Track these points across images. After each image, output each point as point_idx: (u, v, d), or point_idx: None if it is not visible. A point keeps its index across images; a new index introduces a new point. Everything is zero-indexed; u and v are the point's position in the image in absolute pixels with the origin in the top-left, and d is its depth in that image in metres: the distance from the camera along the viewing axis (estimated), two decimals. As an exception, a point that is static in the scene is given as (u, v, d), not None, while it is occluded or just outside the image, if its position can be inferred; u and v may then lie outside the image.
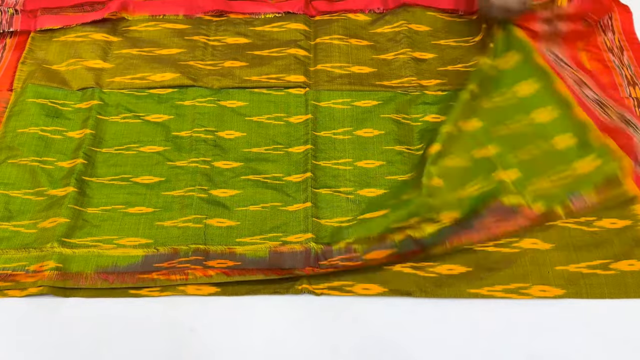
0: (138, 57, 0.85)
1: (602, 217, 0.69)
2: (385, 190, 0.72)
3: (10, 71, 0.83)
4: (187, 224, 0.69)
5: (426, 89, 0.82)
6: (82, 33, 0.87)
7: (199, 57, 0.85)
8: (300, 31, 0.88)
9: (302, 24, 0.89)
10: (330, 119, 0.79)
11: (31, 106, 0.78)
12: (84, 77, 0.83)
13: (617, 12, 0.92)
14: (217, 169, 0.74)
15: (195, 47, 0.86)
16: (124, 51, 0.86)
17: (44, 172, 0.73)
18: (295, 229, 0.69)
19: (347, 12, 0.91)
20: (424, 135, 0.77)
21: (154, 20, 0.90)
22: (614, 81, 0.83)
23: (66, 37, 0.87)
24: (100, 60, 0.85)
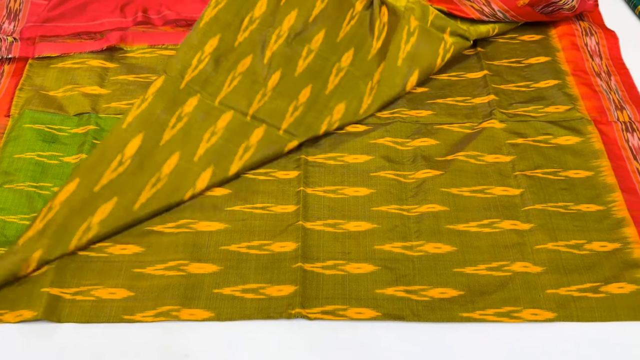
0: (134, 83, 0.87)
1: (592, 240, 0.70)
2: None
3: (8, 97, 0.84)
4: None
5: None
6: (79, 60, 0.89)
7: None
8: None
9: None
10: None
11: (28, 132, 0.79)
12: (81, 102, 0.84)
13: (605, 38, 0.94)
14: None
15: None
16: (120, 77, 0.87)
17: (40, 198, 0.73)
18: None
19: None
20: None
21: (151, 48, 0.92)
22: (601, 105, 0.84)
23: (63, 64, 0.89)
24: (96, 86, 0.86)
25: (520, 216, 0.72)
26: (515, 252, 0.69)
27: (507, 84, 0.88)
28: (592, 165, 0.77)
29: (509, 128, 0.81)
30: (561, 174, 0.77)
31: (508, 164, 0.78)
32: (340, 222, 0.72)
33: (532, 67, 0.90)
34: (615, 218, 0.72)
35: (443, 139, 0.81)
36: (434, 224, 0.72)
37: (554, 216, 0.72)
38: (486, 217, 0.72)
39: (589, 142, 0.80)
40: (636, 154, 0.78)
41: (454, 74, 0.90)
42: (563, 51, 0.92)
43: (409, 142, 0.81)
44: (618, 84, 0.88)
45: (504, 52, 0.93)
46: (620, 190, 0.75)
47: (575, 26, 0.95)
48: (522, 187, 0.75)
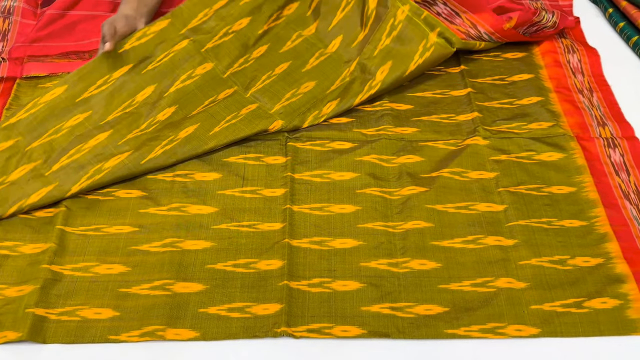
0: None
1: (575, 256, 0.71)
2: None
3: (-4, 117, 0.85)
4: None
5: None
6: None
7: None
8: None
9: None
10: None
11: None
12: None
13: (586, 55, 0.96)
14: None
15: None
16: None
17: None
18: None
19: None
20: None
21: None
22: (584, 122, 0.85)
23: (51, 83, 0.89)
24: None
25: (504, 232, 0.73)
26: (500, 268, 0.70)
27: (491, 101, 0.89)
28: (575, 181, 0.78)
29: (492, 145, 0.82)
30: (544, 189, 0.78)
31: (492, 180, 0.78)
32: (327, 239, 0.73)
33: (516, 85, 0.91)
34: (598, 233, 0.73)
35: (428, 155, 0.82)
36: (419, 241, 0.72)
37: (538, 232, 0.73)
38: (471, 233, 0.73)
39: (572, 158, 0.81)
40: (618, 170, 0.79)
41: (439, 91, 0.91)
42: (546, 68, 0.94)
43: (394, 159, 0.81)
44: (600, 100, 0.89)
45: (488, 69, 0.94)
46: (602, 206, 0.76)
47: (557, 44, 0.97)
48: (505, 203, 0.76)
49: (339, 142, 0.84)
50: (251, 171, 0.80)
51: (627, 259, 0.70)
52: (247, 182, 0.79)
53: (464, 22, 0.92)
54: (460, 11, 0.92)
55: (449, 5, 0.92)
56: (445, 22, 0.91)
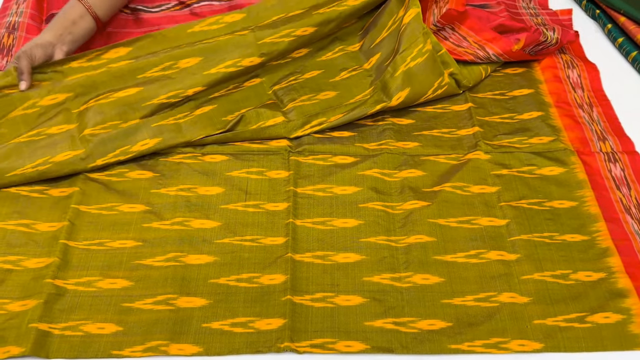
0: None
1: (577, 270, 0.71)
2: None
3: None
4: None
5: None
6: None
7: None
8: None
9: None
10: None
11: None
12: None
13: (586, 70, 0.97)
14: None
15: None
16: None
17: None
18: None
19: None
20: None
21: None
22: (584, 136, 0.86)
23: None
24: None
25: (507, 247, 0.73)
26: (502, 283, 0.70)
27: (492, 116, 0.90)
28: (576, 195, 0.79)
29: (494, 159, 0.83)
30: (546, 204, 0.78)
31: (494, 194, 0.79)
32: (329, 253, 0.73)
33: (516, 99, 0.92)
34: (599, 248, 0.73)
35: (430, 170, 0.82)
36: (422, 255, 0.72)
37: (540, 246, 0.73)
38: (473, 247, 0.73)
39: (573, 172, 0.81)
40: (619, 184, 0.80)
41: (439, 106, 0.92)
42: (546, 83, 0.95)
43: (396, 173, 0.82)
44: (600, 115, 0.90)
45: (488, 84, 0.95)
46: (604, 220, 0.76)
47: (557, 59, 0.98)
48: (507, 218, 0.76)
49: (341, 157, 0.84)
50: (254, 185, 0.80)
51: (629, 273, 0.70)
52: (250, 196, 0.79)
53: (471, 45, 0.92)
54: (467, 35, 0.92)
55: (456, 30, 0.93)
56: (455, 49, 0.92)
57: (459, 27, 0.93)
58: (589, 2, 1.09)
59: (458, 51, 0.92)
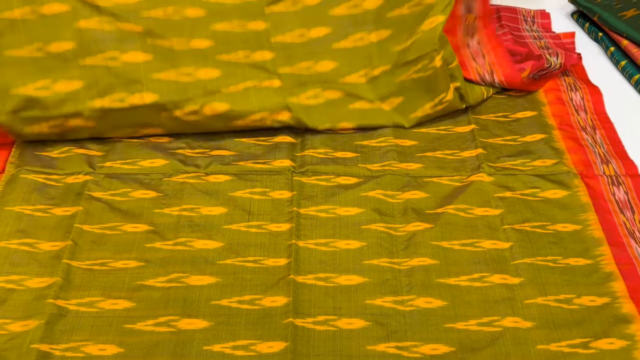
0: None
1: (581, 295, 0.71)
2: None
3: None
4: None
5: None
6: None
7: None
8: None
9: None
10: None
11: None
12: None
13: (589, 93, 0.97)
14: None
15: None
16: None
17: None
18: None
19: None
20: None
21: None
22: (587, 159, 0.86)
23: None
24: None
25: (510, 270, 0.73)
26: (506, 307, 0.69)
27: (495, 138, 0.90)
28: (579, 218, 0.79)
29: (497, 181, 0.83)
30: (549, 227, 0.78)
31: (497, 217, 0.79)
32: (332, 275, 0.73)
33: (519, 122, 0.92)
34: (603, 272, 0.73)
35: (433, 191, 0.82)
36: (424, 278, 0.72)
37: (543, 270, 0.73)
38: (476, 270, 0.73)
39: (576, 195, 0.81)
40: (622, 208, 0.80)
41: (443, 127, 0.92)
42: (549, 105, 0.95)
43: (399, 194, 0.82)
44: (603, 138, 0.90)
45: (491, 106, 0.95)
46: (607, 244, 0.76)
47: (560, 81, 0.98)
48: (511, 241, 0.76)
49: (345, 177, 0.84)
50: (257, 206, 0.81)
51: (633, 298, 0.70)
52: (253, 216, 0.79)
53: (485, 65, 0.93)
54: (486, 53, 0.93)
55: (481, 44, 0.93)
56: (469, 64, 0.93)
57: (484, 42, 0.93)
58: (592, 25, 1.09)
59: (470, 66, 0.92)
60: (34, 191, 0.80)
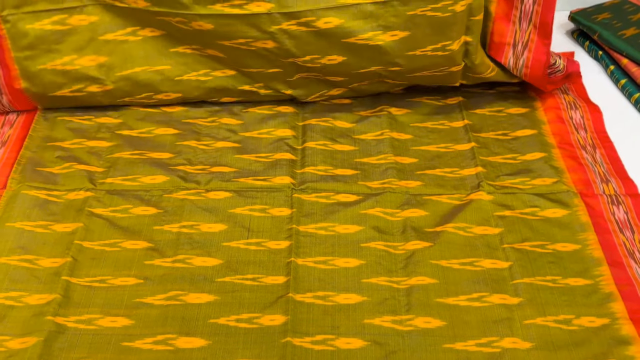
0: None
1: (580, 315, 0.70)
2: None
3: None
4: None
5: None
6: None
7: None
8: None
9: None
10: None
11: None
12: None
13: (589, 112, 0.97)
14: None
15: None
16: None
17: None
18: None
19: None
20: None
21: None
22: (587, 178, 0.86)
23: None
24: None
25: (509, 290, 0.73)
26: (505, 328, 0.69)
27: (495, 156, 0.90)
28: (579, 238, 0.78)
29: (496, 200, 0.83)
30: (549, 247, 0.78)
31: (496, 236, 0.79)
32: (330, 294, 0.73)
33: (519, 140, 0.93)
34: (603, 293, 0.73)
35: (432, 210, 0.82)
36: (423, 297, 0.72)
37: (543, 290, 0.73)
38: (475, 290, 0.73)
39: (576, 215, 0.81)
40: (622, 228, 0.80)
41: (442, 145, 0.92)
42: (549, 124, 0.95)
43: (398, 212, 0.82)
44: (603, 157, 0.90)
45: (491, 124, 0.95)
46: (607, 264, 0.75)
47: (560, 100, 0.99)
48: (510, 260, 0.76)
49: (344, 195, 0.84)
50: (256, 223, 0.81)
51: (632, 319, 0.70)
52: (252, 233, 0.79)
53: (525, 32, 0.90)
54: (531, 41, 0.90)
55: (536, 3, 0.88)
56: (510, 25, 0.90)
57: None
58: (592, 43, 1.10)
59: (508, 28, 0.90)
60: (35, 207, 0.81)
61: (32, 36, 0.86)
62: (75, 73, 0.90)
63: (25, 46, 0.87)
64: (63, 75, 0.90)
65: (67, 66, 0.89)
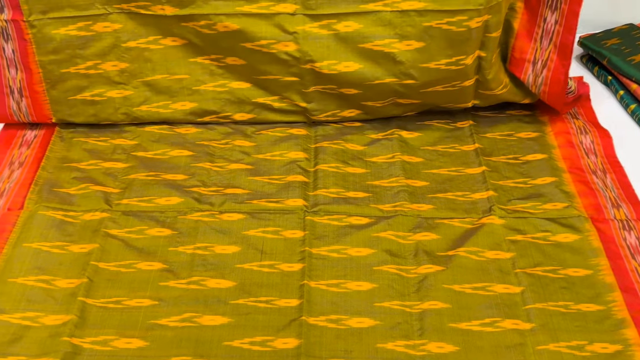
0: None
1: (593, 342, 0.70)
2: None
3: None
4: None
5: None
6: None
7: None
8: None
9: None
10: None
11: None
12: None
13: (599, 136, 0.98)
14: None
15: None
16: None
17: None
18: None
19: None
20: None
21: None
22: (598, 203, 0.86)
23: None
24: None
25: (522, 315, 0.73)
26: (517, 354, 0.69)
27: (505, 180, 0.91)
28: (591, 263, 0.79)
29: (508, 224, 0.83)
30: (561, 272, 0.78)
31: (508, 260, 0.79)
32: (343, 317, 0.73)
33: (530, 164, 0.93)
34: (615, 319, 0.73)
35: (444, 233, 0.83)
36: (436, 322, 0.72)
37: (555, 316, 0.73)
38: (488, 315, 0.73)
39: (587, 240, 0.81)
40: (634, 253, 0.80)
41: (454, 168, 0.93)
42: (559, 148, 0.96)
43: (410, 235, 0.83)
44: (614, 181, 0.91)
45: (502, 148, 0.96)
46: (619, 290, 0.75)
47: (570, 124, 0.99)
48: (522, 285, 0.76)
49: (356, 217, 0.85)
50: (270, 245, 0.81)
51: (646, 346, 0.70)
52: (266, 255, 0.80)
53: (545, 50, 0.92)
54: (550, 60, 0.92)
55: (558, 23, 0.90)
56: (530, 43, 0.93)
57: (564, 7, 0.88)
58: (601, 68, 1.11)
59: (528, 46, 0.93)
60: (52, 228, 0.82)
61: (57, 41, 0.90)
62: (98, 77, 0.93)
63: (50, 50, 0.91)
64: (85, 79, 0.93)
65: (89, 70, 0.92)
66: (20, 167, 0.91)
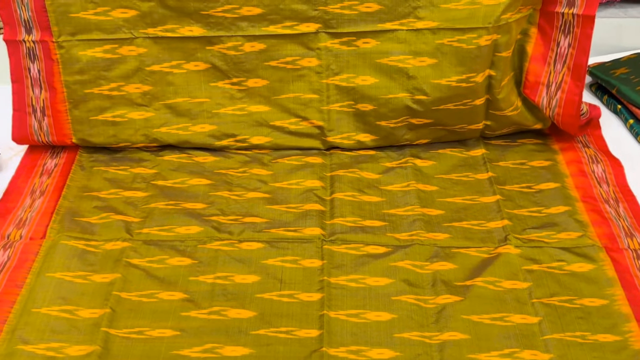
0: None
1: None
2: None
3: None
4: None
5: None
6: None
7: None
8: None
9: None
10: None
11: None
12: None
13: (610, 166, 0.99)
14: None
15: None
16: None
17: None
18: None
19: None
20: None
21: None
22: (612, 232, 0.88)
23: None
24: None
25: (539, 346, 0.74)
26: (537, 385, 0.70)
27: (520, 209, 0.92)
28: (606, 293, 0.80)
29: (524, 254, 0.84)
30: (577, 302, 0.79)
31: (525, 290, 0.80)
32: (363, 349, 0.74)
33: (543, 193, 0.95)
34: (633, 349, 0.73)
35: (461, 263, 0.84)
36: (456, 353, 0.73)
37: (573, 346, 0.74)
38: (507, 346, 0.74)
39: (602, 269, 0.82)
40: (649, 283, 0.81)
41: (468, 197, 0.94)
42: (571, 177, 0.97)
43: (427, 265, 0.84)
44: (626, 210, 0.92)
45: (515, 177, 0.98)
46: (635, 320, 0.76)
47: (581, 153, 1.01)
48: (540, 315, 0.77)
49: (373, 246, 0.86)
50: (288, 274, 0.82)
51: (664, 378, 0.71)
52: (285, 285, 0.81)
53: (559, 73, 0.95)
54: (564, 82, 0.95)
55: (572, 47, 0.94)
56: (544, 66, 0.96)
57: (577, 31, 0.91)
58: (610, 97, 1.13)
59: (542, 69, 0.96)
60: (74, 257, 0.83)
61: (83, 62, 0.94)
62: (120, 99, 0.96)
63: (75, 71, 0.94)
64: (108, 100, 0.97)
65: (113, 92, 0.95)
66: (42, 196, 0.93)
